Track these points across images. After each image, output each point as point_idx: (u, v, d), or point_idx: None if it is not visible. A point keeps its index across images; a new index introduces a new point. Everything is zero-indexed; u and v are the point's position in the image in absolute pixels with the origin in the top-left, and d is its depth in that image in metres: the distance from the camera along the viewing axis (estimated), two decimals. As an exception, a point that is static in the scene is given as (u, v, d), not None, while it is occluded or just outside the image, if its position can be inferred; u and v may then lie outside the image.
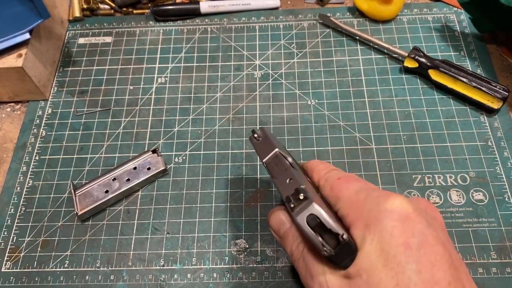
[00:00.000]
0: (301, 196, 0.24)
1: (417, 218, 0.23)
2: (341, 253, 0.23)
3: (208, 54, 0.54)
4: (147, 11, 0.58)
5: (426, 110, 0.47)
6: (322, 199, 0.27)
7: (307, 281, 0.26)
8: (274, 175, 0.28)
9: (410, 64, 0.49)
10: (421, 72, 0.49)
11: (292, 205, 0.24)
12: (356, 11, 0.56)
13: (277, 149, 0.30)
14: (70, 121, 0.49)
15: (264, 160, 0.30)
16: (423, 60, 0.48)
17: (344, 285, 0.23)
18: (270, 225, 0.30)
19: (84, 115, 0.50)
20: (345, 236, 0.23)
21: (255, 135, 0.32)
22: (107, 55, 0.54)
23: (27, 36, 0.46)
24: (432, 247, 0.22)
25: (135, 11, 0.58)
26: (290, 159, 0.29)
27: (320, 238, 0.24)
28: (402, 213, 0.23)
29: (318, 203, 0.24)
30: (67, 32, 0.57)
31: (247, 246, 0.41)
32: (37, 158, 0.47)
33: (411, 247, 0.22)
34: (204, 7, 0.56)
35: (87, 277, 0.40)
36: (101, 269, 0.40)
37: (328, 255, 0.23)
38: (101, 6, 0.59)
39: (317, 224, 0.24)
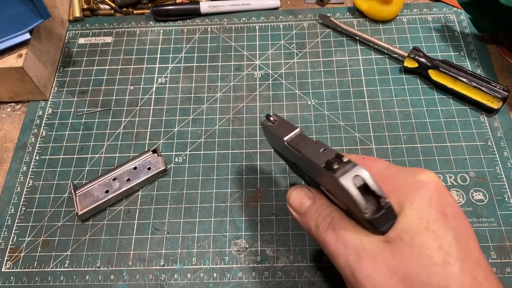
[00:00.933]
0: (345, 159, 0.25)
1: (447, 191, 0.25)
2: (383, 217, 0.24)
3: (208, 54, 0.54)
4: (147, 11, 0.58)
5: (426, 110, 0.47)
6: None
7: (338, 251, 0.25)
8: (300, 150, 0.29)
9: (410, 64, 0.49)
10: (421, 72, 0.49)
11: (335, 167, 0.24)
12: (356, 11, 0.56)
13: (299, 129, 0.31)
14: (70, 121, 0.49)
15: (285, 139, 0.30)
16: (423, 60, 0.48)
17: (383, 248, 0.23)
18: (290, 203, 0.30)
19: (84, 115, 0.50)
20: (387, 200, 0.24)
21: (271, 118, 0.33)
22: (107, 55, 0.54)
23: (27, 36, 0.46)
24: (463, 220, 0.24)
25: (135, 11, 0.58)
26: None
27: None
28: (436, 185, 0.24)
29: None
30: (67, 32, 0.57)
31: (247, 246, 0.41)
32: (37, 158, 0.47)
33: (447, 216, 0.23)
34: (204, 7, 0.56)
35: (87, 277, 0.40)
36: (101, 269, 0.40)
37: (371, 217, 0.24)
38: (101, 6, 0.59)
39: (360, 186, 0.24)
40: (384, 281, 0.23)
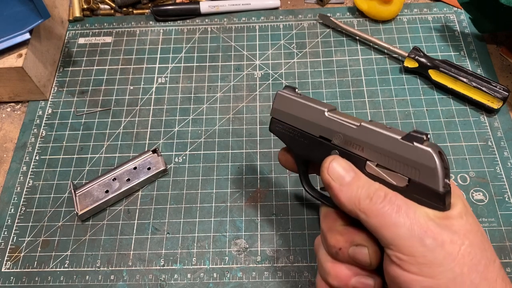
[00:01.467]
0: (429, 135, 0.26)
1: None
2: (448, 195, 0.26)
3: (208, 54, 0.54)
4: (147, 11, 0.58)
5: (426, 110, 0.47)
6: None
7: (398, 221, 0.26)
8: (353, 122, 0.29)
9: (410, 64, 0.49)
10: (421, 72, 0.49)
11: (425, 138, 0.26)
12: (356, 11, 0.56)
13: (334, 106, 0.32)
14: (70, 121, 0.49)
15: (326, 109, 0.31)
16: (423, 60, 0.48)
17: (449, 223, 0.26)
18: (332, 171, 0.29)
19: (84, 115, 0.50)
20: (449, 182, 0.26)
21: (297, 90, 0.33)
22: (107, 55, 0.54)
23: (27, 36, 0.46)
24: None
25: (135, 11, 0.58)
26: None
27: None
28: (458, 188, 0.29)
29: None
30: (67, 32, 0.57)
31: (247, 246, 0.41)
32: (37, 158, 0.47)
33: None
34: (204, 7, 0.56)
35: (87, 277, 0.40)
36: (101, 269, 0.40)
37: (444, 192, 0.25)
38: (101, 6, 0.59)
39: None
40: (454, 249, 0.25)
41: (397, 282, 0.26)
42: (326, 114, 0.30)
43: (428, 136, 0.26)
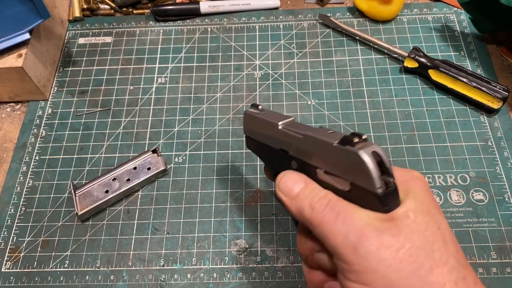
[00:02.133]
0: (364, 136, 0.26)
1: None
2: (391, 195, 0.25)
3: (208, 54, 0.54)
4: (147, 11, 0.58)
5: (426, 110, 0.47)
6: None
7: (336, 229, 0.26)
8: (303, 133, 0.30)
9: (410, 64, 0.49)
10: (421, 72, 0.49)
11: (356, 140, 0.26)
12: (356, 11, 0.56)
13: (292, 118, 0.32)
14: (70, 121, 0.49)
15: (280, 123, 0.32)
16: (423, 60, 0.48)
17: (390, 225, 0.25)
18: (281, 187, 0.30)
19: (84, 115, 0.50)
20: (395, 181, 0.25)
21: (260, 107, 0.34)
22: (107, 55, 0.54)
23: (27, 36, 0.46)
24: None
25: (135, 11, 0.58)
26: None
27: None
28: (426, 182, 0.28)
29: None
30: (67, 32, 0.57)
31: (247, 246, 0.41)
32: (37, 158, 0.47)
33: (438, 207, 0.27)
34: (204, 7, 0.56)
35: (87, 277, 0.40)
36: (101, 269, 0.40)
37: (382, 192, 0.25)
38: (101, 6, 0.59)
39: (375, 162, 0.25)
40: (391, 254, 0.24)
41: None
42: (280, 127, 0.31)
43: (364, 137, 0.26)
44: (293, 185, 0.29)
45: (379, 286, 0.24)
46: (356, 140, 0.25)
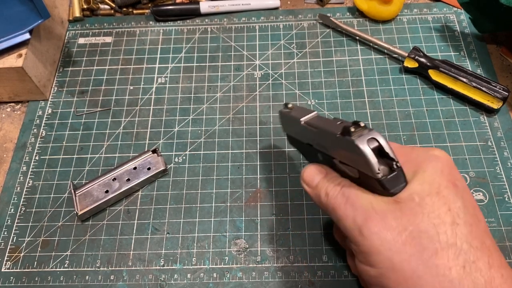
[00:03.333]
0: (362, 124, 0.26)
1: (456, 168, 0.27)
2: (394, 178, 0.25)
3: (208, 54, 0.54)
4: (147, 11, 0.58)
5: (426, 110, 0.47)
6: None
7: (346, 213, 0.26)
8: (316, 126, 0.31)
9: (410, 64, 0.49)
10: (421, 72, 0.49)
11: (352, 130, 0.26)
12: (356, 11, 0.56)
13: (315, 112, 0.33)
14: (70, 121, 0.49)
15: (302, 119, 0.33)
16: (423, 60, 0.48)
17: (393, 208, 0.25)
18: (304, 178, 0.32)
19: (84, 115, 0.50)
20: (399, 164, 0.25)
21: (289, 106, 0.36)
22: (107, 55, 0.54)
23: (27, 36, 0.46)
24: (472, 196, 0.26)
25: (135, 11, 0.58)
26: None
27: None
28: (448, 160, 0.27)
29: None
30: (67, 32, 0.57)
31: (247, 246, 0.41)
32: (37, 158, 0.47)
33: (458, 187, 0.25)
34: (204, 7, 0.56)
35: (87, 277, 0.40)
36: (101, 269, 0.40)
37: (383, 178, 0.25)
38: (101, 6, 0.59)
39: (374, 149, 0.25)
40: (392, 236, 0.24)
41: (357, 272, 0.27)
42: (302, 123, 0.33)
43: (362, 125, 0.26)
44: (314, 175, 0.31)
45: (384, 267, 0.24)
46: (353, 129, 0.26)
